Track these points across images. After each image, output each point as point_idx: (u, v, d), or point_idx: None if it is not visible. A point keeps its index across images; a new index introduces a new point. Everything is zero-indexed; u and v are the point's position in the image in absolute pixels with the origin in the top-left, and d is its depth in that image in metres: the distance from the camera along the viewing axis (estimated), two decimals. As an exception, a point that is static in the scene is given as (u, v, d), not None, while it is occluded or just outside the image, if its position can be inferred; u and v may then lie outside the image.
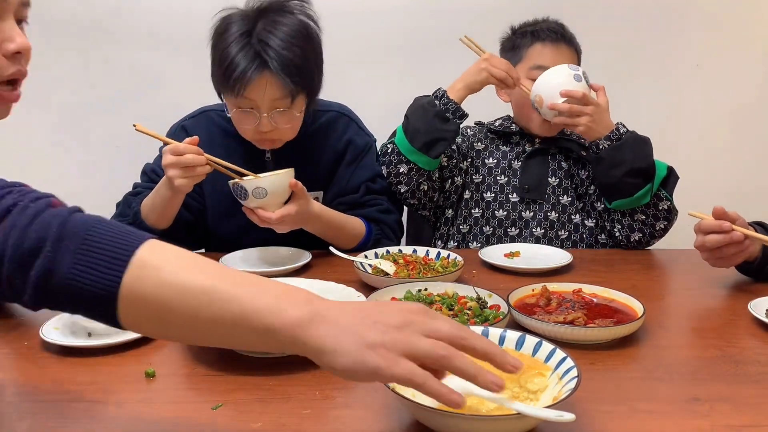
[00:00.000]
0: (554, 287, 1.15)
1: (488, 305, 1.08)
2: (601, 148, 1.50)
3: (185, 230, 1.51)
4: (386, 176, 1.59)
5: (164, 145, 1.61)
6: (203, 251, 1.58)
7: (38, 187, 0.72)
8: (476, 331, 0.86)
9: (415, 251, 1.41)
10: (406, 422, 0.76)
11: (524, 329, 0.96)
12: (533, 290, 1.14)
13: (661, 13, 2.12)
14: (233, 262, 1.39)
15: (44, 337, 0.97)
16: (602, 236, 1.66)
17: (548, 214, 1.65)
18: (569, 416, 0.64)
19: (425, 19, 2.05)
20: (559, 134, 1.67)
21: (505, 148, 1.70)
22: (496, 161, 1.69)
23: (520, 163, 1.67)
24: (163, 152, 1.30)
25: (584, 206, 1.66)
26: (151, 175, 1.51)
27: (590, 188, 1.66)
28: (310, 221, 1.40)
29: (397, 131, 1.58)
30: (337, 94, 1.70)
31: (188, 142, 1.29)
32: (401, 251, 1.41)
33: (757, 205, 1.35)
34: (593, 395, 0.81)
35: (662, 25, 2.12)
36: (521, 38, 1.65)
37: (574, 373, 0.75)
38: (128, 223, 1.43)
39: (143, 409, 0.80)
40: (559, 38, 1.62)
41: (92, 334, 0.99)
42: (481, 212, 1.69)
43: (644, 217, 1.53)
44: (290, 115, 1.41)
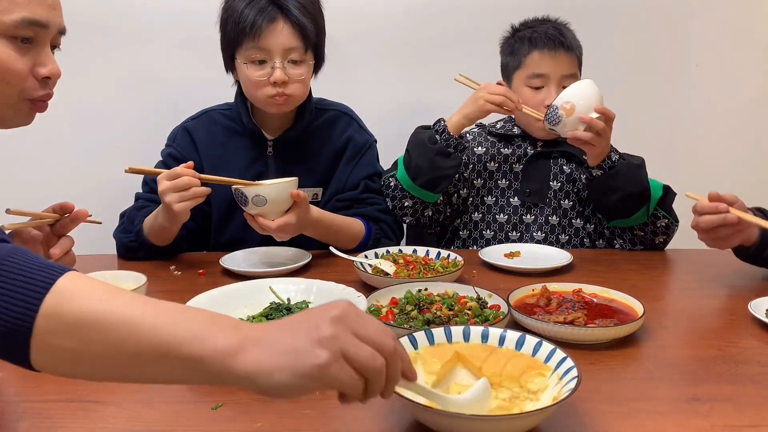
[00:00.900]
0: (554, 287, 1.15)
1: (488, 305, 1.08)
2: (594, 175, 1.50)
3: (188, 237, 1.50)
4: (391, 209, 1.58)
5: (165, 145, 1.62)
6: (204, 252, 1.57)
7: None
8: (476, 331, 0.87)
9: (415, 251, 1.41)
10: (406, 422, 0.76)
11: (524, 329, 0.96)
12: (533, 290, 1.14)
13: (661, 12, 2.11)
14: (234, 262, 1.39)
15: (44, 337, 0.96)
16: (601, 241, 1.65)
17: (549, 218, 1.64)
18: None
19: (426, 19, 2.05)
20: (561, 137, 1.65)
21: (506, 150, 1.69)
22: (497, 165, 1.68)
23: (521, 166, 1.66)
24: (158, 180, 1.30)
25: (585, 210, 1.66)
26: (152, 184, 1.50)
27: None
28: (309, 228, 1.40)
29: (398, 165, 1.57)
30: (338, 94, 1.70)
31: (184, 167, 1.29)
32: (401, 251, 1.41)
33: (757, 204, 1.34)
34: (593, 395, 0.81)
35: (662, 25, 2.12)
36: (519, 43, 1.62)
37: (574, 373, 0.75)
38: (131, 240, 1.43)
39: (143, 409, 0.80)
40: (557, 45, 1.57)
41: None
42: (481, 216, 1.68)
43: (643, 233, 1.54)
44: (302, 67, 1.44)
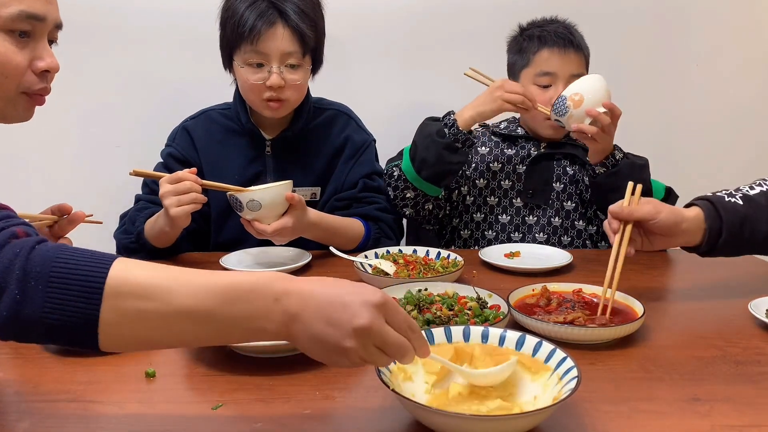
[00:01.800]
0: (554, 287, 1.15)
1: (488, 305, 1.08)
2: (597, 173, 1.50)
3: (188, 237, 1.50)
4: (392, 199, 1.58)
5: (165, 145, 1.62)
6: (204, 252, 1.57)
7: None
8: (476, 331, 0.87)
9: (415, 251, 1.41)
10: (406, 422, 0.76)
11: (524, 329, 0.96)
12: (533, 290, 1.14)
13: (661, 12, 2.11)
14: (234, 262, 1.39)
15: (44, 337, 0.96)
16: (603, 243, 1.65)
17: (551, 219, 1.64)
18: None
19: (427, 19, 2.05)
20: (565, 139, 1.64)
21: (509, 151, 1.68)
22: (500, 166, 1.67)
23: (524, 167, 1.66)
24: (160, 183, 1.30)
25: (587, 212, 1.66)
26: (152, 185, 1.50)
27: None
28: (307, 230, 1.39)
29: (403, 155, 1.57)
30: (338, 94, 1.70)
31: (188, 172, 1.30)
32: (401, 251, 1.41)
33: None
34: (593, 395, 0.82)
35: (662, 25, 2.12)
36: (528, 42, 1.61)
37: (574, 373, 0.75)
38: (131, 242, 1.43)
39: (143, 409, 0.80)
40: (567, 44, 1.58)
41: (92, 334, 0.99)
42: (483, 216, 1.68)
43: None
44: (299, 72, 1.44)
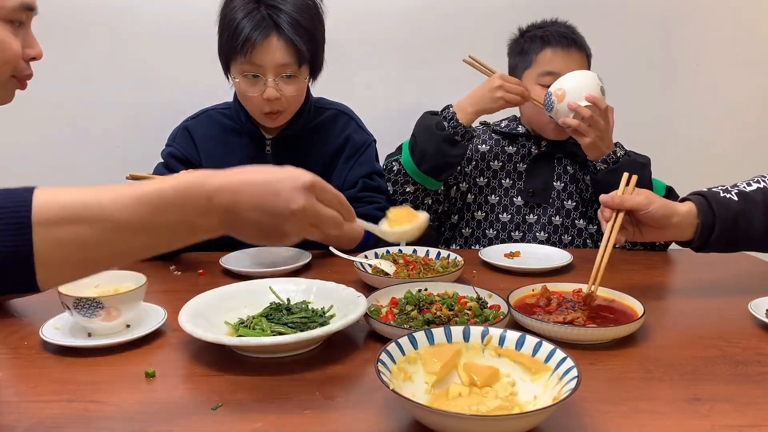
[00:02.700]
0: (554, 287, 1.15)
1: (488, 305, 1.08)
2: (598, 169, 1.49)
3: None
4: (392, 194, 1.58)
5: (165, 145, 1.62)
6: (204, 252, 1.57)
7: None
8: (476, 331, 0.87)
9: (415, 251, 1.41)
10: (406, 422, 0.76)
11: (524, 329, 0.95)
12: (533, 290, 1.14)
13: (661, 13, 2.12)
14: (234, 262, 1.39)
15: (44, 337, 0.97)
16: None
17: (552, 218, 1.64)
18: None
19: (427, 19, 2.05)
20: (568, 138, 1.63)
21: (510, 149, 1.68)
22: (501, 164, 1.68)
23: (525, 165, 1.66)
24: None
25: (588, 211, 1.66)
26: None
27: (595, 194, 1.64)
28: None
29: (402, 149, 1.57)
30: (339, 94, 1.70)
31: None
32: (401, 251, 1.41)
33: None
34: (593, 395, 0.82)
35: (662, 25, 2.12)
36: (530, 42, 1.61)
37: (574, 373, 0.75)
38: None
39: (143, 409, 0.80)
40: (570, 43, 1.57)
41: (92, 334, 0.99)
42: (484, 215, 1.68)
43: None
44: (295, 82, 1.43)
